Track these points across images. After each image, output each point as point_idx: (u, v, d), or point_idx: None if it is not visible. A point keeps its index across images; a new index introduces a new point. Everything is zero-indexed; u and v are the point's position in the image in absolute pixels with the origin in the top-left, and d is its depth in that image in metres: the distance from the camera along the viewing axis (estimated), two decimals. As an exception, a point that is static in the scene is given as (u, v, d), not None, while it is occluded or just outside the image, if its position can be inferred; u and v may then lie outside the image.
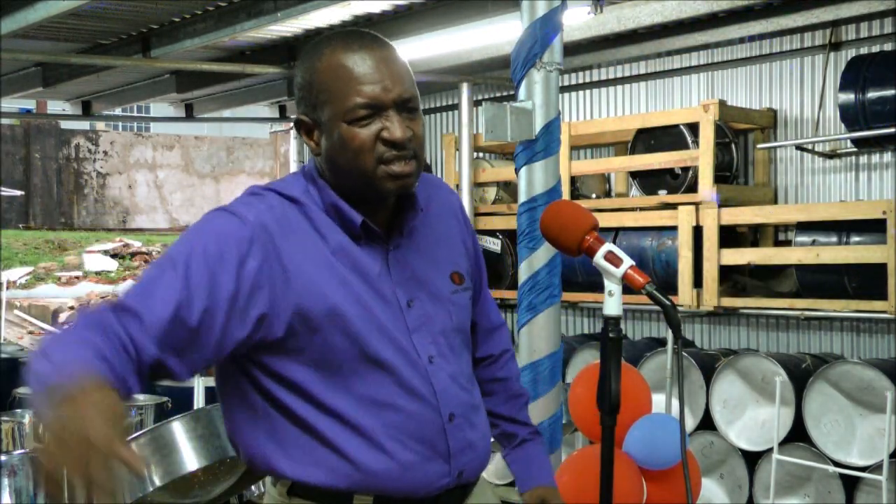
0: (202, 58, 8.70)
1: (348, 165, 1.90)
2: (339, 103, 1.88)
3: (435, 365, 1.98)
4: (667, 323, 1.90)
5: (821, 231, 6.15)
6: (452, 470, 1.98)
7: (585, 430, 4.35)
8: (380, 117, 1.88)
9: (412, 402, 1.94)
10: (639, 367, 6.31)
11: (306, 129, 1.96)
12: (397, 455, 1.91)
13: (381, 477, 1.91)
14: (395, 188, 1.91)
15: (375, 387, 1.91)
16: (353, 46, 1.90)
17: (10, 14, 6.85)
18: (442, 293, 2.03)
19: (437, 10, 7.00)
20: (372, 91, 1.87)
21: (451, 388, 2.00)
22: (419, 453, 1.94)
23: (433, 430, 1.95)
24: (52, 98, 12.61)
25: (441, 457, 1.96)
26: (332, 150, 1.92)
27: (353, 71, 1.88)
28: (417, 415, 1.94)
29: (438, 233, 2.07)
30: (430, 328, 1.99)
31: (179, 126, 22.32)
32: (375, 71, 1.88)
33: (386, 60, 1.91)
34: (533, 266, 4.14)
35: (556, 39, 4.16)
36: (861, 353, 6.42)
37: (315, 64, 1.92)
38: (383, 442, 1.91)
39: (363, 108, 1.86)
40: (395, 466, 1.91)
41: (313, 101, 1.92)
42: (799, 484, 5.82)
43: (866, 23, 6.45)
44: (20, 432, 4.38)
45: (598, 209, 7.00)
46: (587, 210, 2.03)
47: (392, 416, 1.92)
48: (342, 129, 1.88)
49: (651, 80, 7.67)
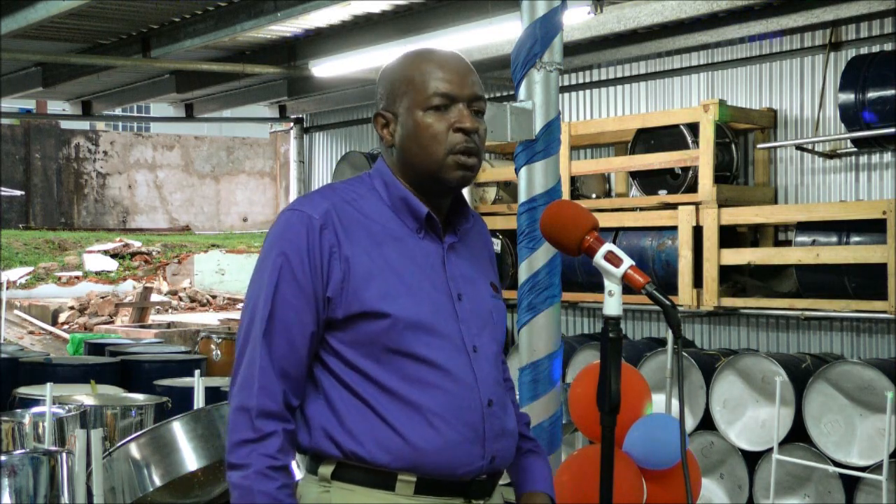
0: (202, 58, 8.70)
1: (421, 152, 2.09)
2: (419, 93, 2.08)
3: (479, 354, 2.12)
4: (667, 323, 1.91)
5: (821, 231, 6.15)
6: (486, 454, 2.09)
7: (585, 430, 4.34)
8: (453, 110, 2.08)
9: (457, 385, 2.07)
10: (639, 367, 6.31)
11: (383, 122, 2.15)
12: (444, 432, 2.05)
13: (428, 453, 2.04)
14: (459, 179, 2.09)
15: (425, 369, 2.05)
16: (437, 52, 2.16)
17: (11, 14, 6.85)
18: (485, 296, 2.20)
19: (437, 10, 7.00)
20: (449, 84, 2.09)
21: (490, 376, 2.13)
22: (462, 433, 2.06)
23: (474, 412, 2.08)
24: (52, 98, 12.62)
25: (479, 439, 2.09)
26: (406, 139, 2.10)
27: (435, 67, 2.11)
28: (461, 396, 2.07)
29: (476, 249, 2.27)
30: (476, 322, 2.14)
31: (179, 126, 22.35)
32: (454, 72, 2.11)
33: (464, 67, 2.14)
34: (533, 266, 4.14)
35: (556, 39, 4.16)
36: (861, 353, 6.42)
37: (400, 63, 2.15)
38: (431, 419, 2.04)
39: (440, 97, 2.07)
40: (441, 443, 2.04)
41: (394, 94, 2.12)
42: (799, 484, 5.82)
43: (866, 23, 6.46)
44: (20, 432, 4.37)
45: (598, 209, 7.00)
46: (587, 210, 2.03)
47: (440, 397, 2.05)
48: (418, 116, 2.08)
49: (651, 80, 7.67)
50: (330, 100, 10.26)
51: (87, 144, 24.05)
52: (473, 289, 2.17)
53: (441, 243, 2.14)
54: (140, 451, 3.84)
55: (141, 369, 7.33)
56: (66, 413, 4.54)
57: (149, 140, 25.05)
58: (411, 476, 2.05)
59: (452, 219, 2.19)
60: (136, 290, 16.17)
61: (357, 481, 2.07)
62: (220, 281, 18.29)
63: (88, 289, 16.64)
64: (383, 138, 2.14)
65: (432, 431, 2.04)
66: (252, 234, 22.79)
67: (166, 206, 24.94)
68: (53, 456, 3.62)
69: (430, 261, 2.12)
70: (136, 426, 4.83)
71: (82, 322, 14.82)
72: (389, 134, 2.13)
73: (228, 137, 26.11)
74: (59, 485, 3.59)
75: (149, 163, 24.80)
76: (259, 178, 26.00)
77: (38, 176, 23.29)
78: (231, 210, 25.51)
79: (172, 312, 16.02)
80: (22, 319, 15.13)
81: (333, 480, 2.08)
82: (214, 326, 12.40)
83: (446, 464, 2.05)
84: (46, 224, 22.83)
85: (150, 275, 18.16)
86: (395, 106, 2.12)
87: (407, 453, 2.03)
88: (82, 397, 5.18)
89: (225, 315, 14.62)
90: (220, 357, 8.97)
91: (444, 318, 2.09)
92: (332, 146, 10.94)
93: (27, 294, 16.71)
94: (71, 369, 7.15)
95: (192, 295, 17.21)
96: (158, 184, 24.86)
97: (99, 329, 13.79)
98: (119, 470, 3.80)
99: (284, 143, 23.33)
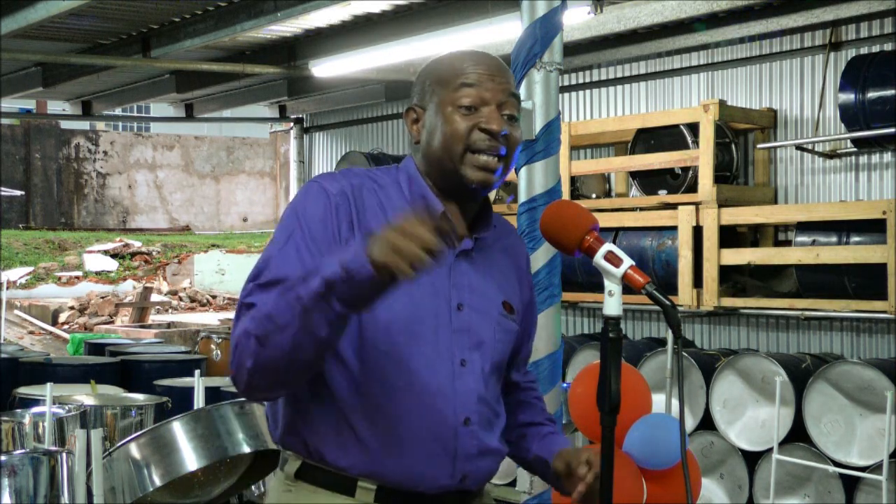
0: (202, 58, 8.70)
1: (440, 148, 2.03)
2: (448, 91, 2.04)
3: (466, 368, 2.03)
4: (667, 323, 1.90)
5: (821, 231, 6.15)
6: (456, 472, 2.01)
7: (585, 430, 4.34)
8: (482, 111, 2.03)
9: (431, 397, 1.99)
10: (639, 367, 6.31)
11: (413, 117, 2.11)
12: (407, 444, 1.97)
13: (387, 464, 1.98)
14: (477, 180, 2.02)
15: (400, 374, 1.98)
16: (476, 53, 2.10)
17: (11, 14, 6.85)
18: (491, 312, 2.10)
19: (437, 10, 7.00)
20: (479, 81, 2.03)
21: (473, 394, 2.04)
22: (427, 448, 1.99)
23: (446, 428, 2.00)
24: (52, 98, 12.62)
25: (448, 456, 2.00)
26: (429, 135, 2.06)
27: (469, 66, 2.06)
28: (433, 409, 1.99)
29: (501, 265, 2.17)
30: (471, 335, 2.06)
31: (179, 126, 22.34)
32: (487, 76, 2.05)
33: (498, 69, 2.08)
34: (533, 266, 4.14)
35: (556, 39, 4.16)
36: (861, 353, 6.42)
37: (436, 60, 2.12)
38: (396, 428, 1.97)
39: (469, 97, 2.02)
40: (401, 455, 1.98)
41: (425, 90, 2.09)
42: (799, 484, 5.82)
43: (866, 23, 6.45)
44: (20, 432, 4.37)
45: (598, 209, 7.00)
46: (587, 210, 2.03)
47: (410, 406, 1.98)
48: (445, 112, 2.04)
49: (651, 80, 7.67)
50: (330, 100, 10.26)
51: (87, 144, 24.04)
52: (479, 301, 2.08)
53: (452, 250, 2.05)
54: (140, 451, 3.84)
55: (141, 369, 7.33)
56: (66, 413, 4.54)
57: (149, 140, 25.04)
58: (371, 484, 1.99)
59: (475, 225, 2.12)
60: (136, 290, 16.17)
61: (319, 483, 2.01)
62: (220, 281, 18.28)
63: (88, 289, 16.64)
64: (412, 134, 2.11)
65: (394, 441, 1.97)
66: (252, 234, 22.79)
67: (166, 206, 24.94)
68: (53, 456, 3.62)
69: None
70: (136, 426, 4.83)
71: (82, 322, 14.81)
72: (417, 130, 2.10)
73: (228, 137, 26.10)
74: (59, 485, 3.59)
75: (149, 163, 24.79)
76: (259, 178, 25.99)
77: (38, 176, 23.28)
78: (231, 210, 25.51)
79: (172, 312, 16.02)
80: (22, 319, 15.13)
81: (297, 480, 2.04)
82: (214, 326, 12.39)
83: (407, 477, 1.98)
84: (46, 224, 22.82)
85: (150, 275, 18.16)
86: (424, 101, 2.09)
87: (365, 460, 1.98)
88: (82, 397, 5.18)
89: (225, 315, 14.61)
90: (220, 357, 8.97)
91: (436, 324, 2.01)
92: (332, 146, 10.93)
93: (27, 294, 16.71)
94: (71, 369, 7.15)
95: (192, 295, 17.21)
96: (158, 184, 24.85)
97: (99, 329, 13.79)
98: (119, 470, 3.80)
99: (284, 143, 23.33)
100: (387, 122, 10.11)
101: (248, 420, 4.06)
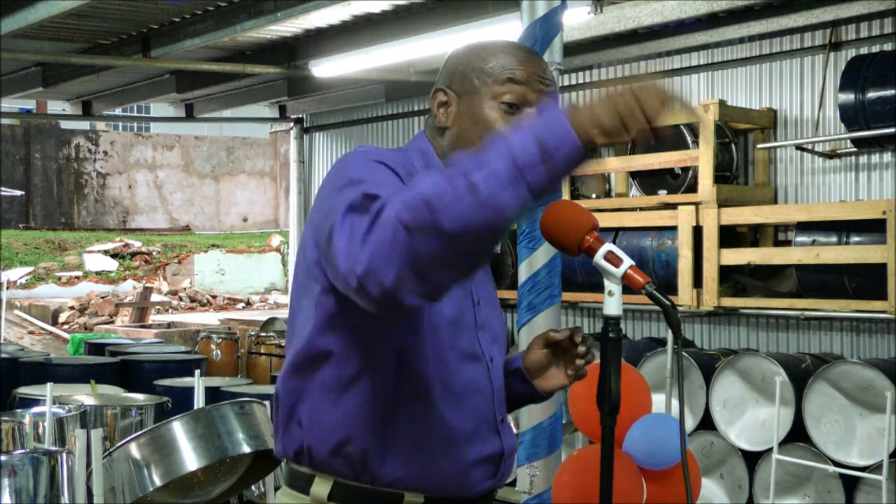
0: (202, 58, 8.70)
1: (476, 139, 1.88)
2: (495, 79, 1.92)
3: (494, 365, 1.98)
4: (667, 323, 1.90)
5: (821, 231, 6.15)
6: (499, 473, 1.96)
7: (585, 430, 4.34)
8: (523, 114, 1.90)
9: (480, 398, 1.93)
10: (639, 367, 6.31)
11: (443, 100, 1.97)
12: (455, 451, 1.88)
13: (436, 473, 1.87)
14: None
15: (450, 376, 1.88)
16: (524, 48, 2.00)
17: (11, 14, 6.85)
18: (495, 305, 2.06)
19: (437, 10, 7.00)
20: (527, 80, 1.92)
21: (501, 391, 2.00)
22: (477, 451, 1.91)
23: (490, 430, 1.95)
24: (52, 98, 12.62)
25: (494, 457, 1.95)
26: (464, 122, 1.94)
27: (519, 60, 1.95)
28: (479, 412, 1.92)
29: None
30: (490, 329, 2.00)
31: (179, 126, 22.33)
32: (537, 77, 1.94)
33: (545, 71, 1.97)
34: (533, 266, 4.14)
35: (557, 39, 4.16)
36: (861, 353, 6.42)
37: (482, 46, 1.98)
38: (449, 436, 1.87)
39: (516, 84, 1.90)
40: (452, 463, 1.88)
41: (464, 75, 1.95)
42: (799, 484, 5.82)
43: (866, 23, 6.45)
44: (20, 432, 4.37)
45: (598, 209, 7.00)
46: (587, 210, 2.03)
47: (459, 411, 1.89)
48: (487, 105, 1.92)
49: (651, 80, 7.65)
50: (330, 100, 10.26)
51: (87, 144, 24.05)
52: (487, 294, 2.04)
53: None
54: (140, 451, 3.84)
55: (141, 369, 7.34)
56: (67, 413, 4.54)
57: (149, 140, 25.04)
58: (418, 496, 1.87)
59: None
60: (136, 290, 16.18)
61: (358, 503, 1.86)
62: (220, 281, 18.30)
63: (88, 289, 16.65)
64: (437, 117, 1.97)
65: (443, 447, 1.86)
66: (252, 234, 22.79)
67: (166, 206, 24.94)
68: (53, 456, 3.62)
69: None
70: (136, 426, 4.83)
71: (82, 322, 14.82)
72: (445, 114, 1.97)
73: (228, 137, 26.11)
74: (59, 485, 3.59)
75: (149, 163, 24.80)
76: (259, 178, 26.00)
77: (38, 176, 23.28)
78: (231, 210, 25.51)
79: (172, 312, 16.03)
80: (22, 319, 15.14)
81: (330, 503, 1.87)
82: (214, 326, 12.40)
83: (455, 483, 1.89)
84: (46, 224, 22.82)
85: (150, 275, 18.16)
86: (461, 87, 1.95)
87: (415, 470, 1.86)
88: (82, 397, 5.19)
89: (225, 315, 14.62)
90: (220, 357, 8.98)
91: (468, 322, 1.94)
92: (332, 146, 10.93)
93: (27, 294, 16.72)
94: (71, 369, 7.16)
95: (192, 295, 17.22)
96: (158, 184, 24.85)
97: (99, 329, 13.79)
98: (119, 470, 3.80)
99: (284, 143, 23.34)
100: (387, 122, 10.11)
101: (248, 420, 4.06)
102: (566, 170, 1.59)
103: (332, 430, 1.85)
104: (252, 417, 4.09)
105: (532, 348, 2.07)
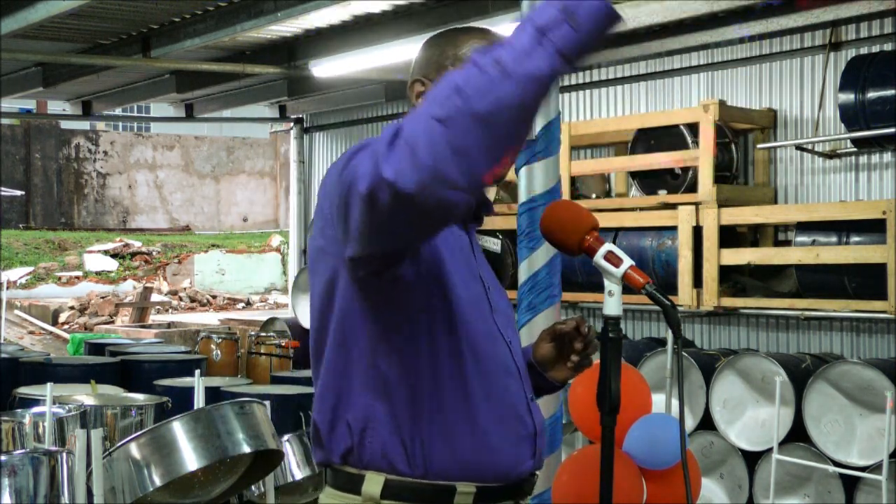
0: (202, 58, 8.70)
1: None
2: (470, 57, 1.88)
3: (514, 346, 2.00)
4: (667, 323, 1.90)
5: (821, 231, 6.15)
6: (536, 452, 1.97)
7: (585, 430, 4.35)
8: None
9: (513, 379, 1.94)
10: (639, 367, 6.31)
11: (420, 90, 2.00)
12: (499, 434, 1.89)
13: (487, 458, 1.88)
14: None
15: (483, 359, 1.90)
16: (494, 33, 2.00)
17: (11, 14, 6.85)
18: (502, 290, 2.08)
19: (437, 10, 7.01)
20: None
21: (526, 371, 2.03)
22: (516, 432, 1.93)
23: (524, 409, 1.96)
24: (52, 98, 12.62)
25: (530, 437, 1.96)
26: None
27: (492, 39, 1.96)
28: (512, 393, 1.94)
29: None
30: (504, 313, 2.02)
31: (179, 126, 22.33)
32: None
33: None
34: (533, 266, 4.14)
35: (556, 39, 4.16)
36: (861, 353, 6.42)
37: (453, 33, 2.01)
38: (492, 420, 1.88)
39: None
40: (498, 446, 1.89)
41: (439, 63, 1.97)
42: (799, 484, 5.82)
43: (866, 23, 6.46)
44: (20, 432, 4.37)
45: (598, 209, 7.00)
46: (587, 210, 2.03)
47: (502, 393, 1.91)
48: None
49: (651, 80, 7.67)
50: (330, 100, 10.26)
51: (87, 144, 24.04)
52: (494, 282, 2.06)
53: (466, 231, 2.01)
54: (140, 451, 3.84)
55: (141, 369, 7.34)
56: (67, 413, 4.54)
57: (149, 140, 25.03)
58: (471, 486, 1.87)
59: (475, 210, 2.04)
60: (137, 290, 16.17)
61: (412, 499, 1.85)
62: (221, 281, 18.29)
63: (88, 289, 16.65)
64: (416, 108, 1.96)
65: (489, 431, 1.88)
66: (252, 234, 22.79)
67: (166, 206, 24.93)
68: (53, 456, 3.62)
69: (461, 244, 1.98)
70: (136, 426, 4.83)
71: (82, 322, 14.82)
72: None
73: (228, 137, 26.10)
74: (59, 485, 3.59)
75: (149, 163, 24.79)
76: (259, 178, 25.99)
77: (38, 176, 23.28)
78: (231, 210, 25.51)
79: (172, 312, 16.02)
80: (22, 319, 15.13)
81: (383, 500, 1.86)
82: (214, 326, 12.40)
83: (503, 465, 1.90)
84: (46, 224, 22.81)
85: (150, 275, 18.16)
86: (438, 75, 1.94)
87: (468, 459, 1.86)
88: (82, 397, 5.19)
89: (225, 315, 14.62)
90: (220, 357, 8.98)
91: (486, 308, 1.96)
92: (332, 146, 10.93)
93: (27, 294, 16.72)
94: (71, 369, 7.16)
95: (193, 295, 17.21)
96: (158, 184, 24.85)
97: (99, 329, 13.79)
98: (119, 470, 3.80)
99: (284, 143, 23.33)
100: (387, 122, 10.11)
101: (248, 420, 4.06)
102: (593, 26, 1.49)
103: (381, 427, 1.85)
104: (252, 417, 4.09)
105: (540, 342, 2.11)
